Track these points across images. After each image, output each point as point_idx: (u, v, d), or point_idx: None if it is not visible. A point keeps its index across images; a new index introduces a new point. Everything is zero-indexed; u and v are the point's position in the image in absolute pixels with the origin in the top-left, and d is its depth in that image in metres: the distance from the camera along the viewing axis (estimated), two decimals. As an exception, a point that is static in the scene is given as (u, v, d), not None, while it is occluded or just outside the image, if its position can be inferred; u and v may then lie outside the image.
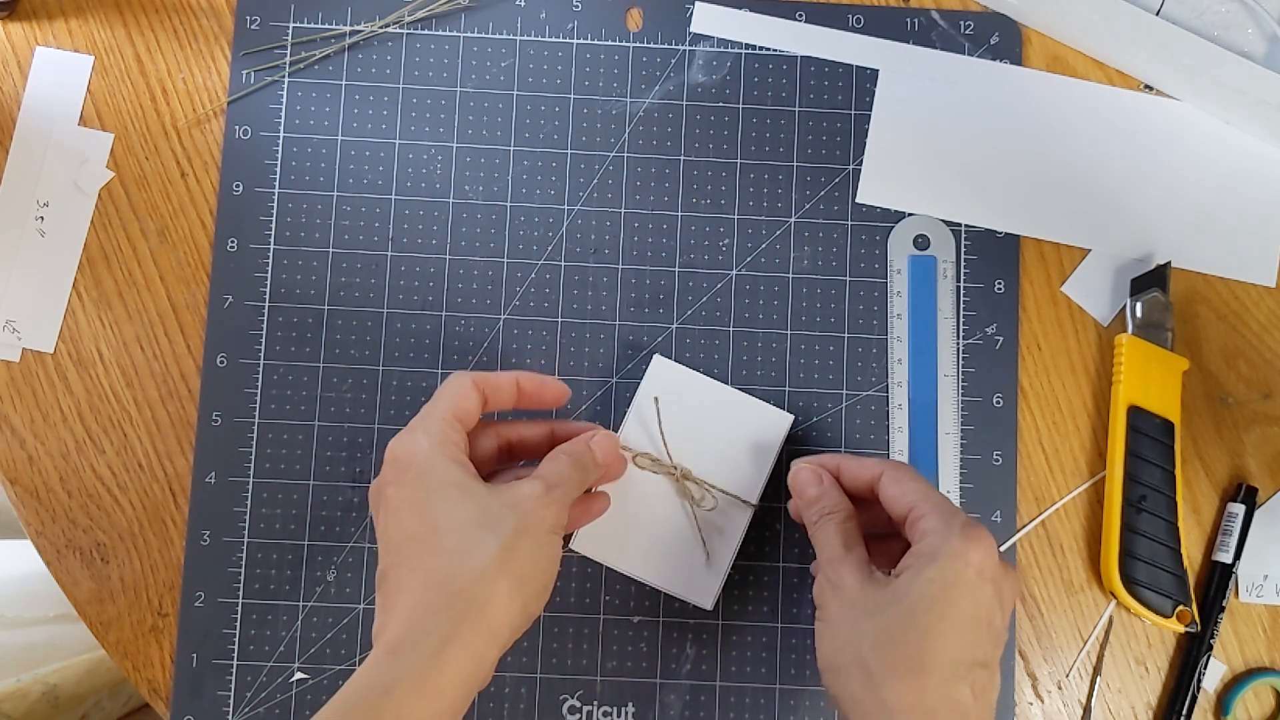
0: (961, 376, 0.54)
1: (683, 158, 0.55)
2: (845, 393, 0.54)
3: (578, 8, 0.56)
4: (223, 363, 0.53)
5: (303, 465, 0.53)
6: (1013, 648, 0.53)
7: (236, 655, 0.52)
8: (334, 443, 0.53)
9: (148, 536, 0.53)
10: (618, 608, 0.52)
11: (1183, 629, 0.52)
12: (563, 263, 0.55)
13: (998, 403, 0.54)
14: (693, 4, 0.56)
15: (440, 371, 0.54)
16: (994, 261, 0.55)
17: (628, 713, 0.52)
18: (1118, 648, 0.53)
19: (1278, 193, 0.56)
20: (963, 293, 0.55)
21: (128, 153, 0.55)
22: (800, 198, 0.55)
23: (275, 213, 0.54)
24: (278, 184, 0.55)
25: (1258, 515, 0.53)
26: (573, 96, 0.55)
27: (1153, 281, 0.53)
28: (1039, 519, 0.54)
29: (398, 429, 0.53)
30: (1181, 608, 0.51)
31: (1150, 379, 0.53)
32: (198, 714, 0.51)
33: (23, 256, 0.54)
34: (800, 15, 0.56)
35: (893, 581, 0.41)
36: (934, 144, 0.56)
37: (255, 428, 0.53)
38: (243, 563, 0.52)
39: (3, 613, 0.75)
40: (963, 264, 0.55)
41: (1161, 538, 0.52)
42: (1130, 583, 0.51)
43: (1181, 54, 0.53)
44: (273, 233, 0.54)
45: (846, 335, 0.54)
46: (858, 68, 0.56)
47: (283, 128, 0.55)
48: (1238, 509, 0.53)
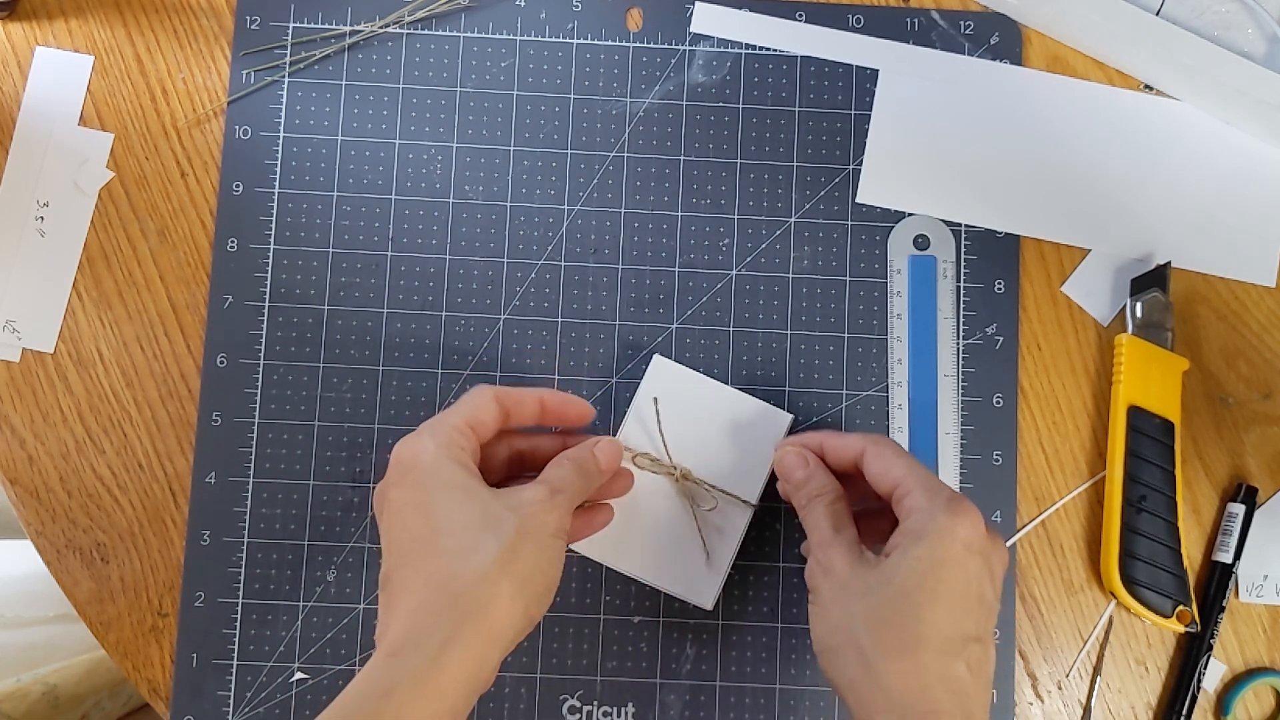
0: (961, 376, 0.54)
1: (683, 158, 0.55)
2: (845, 393, 0.54)
3: (578, 8, 0.56)
4: (223, 363, 0.53)
5: (303, 465, 0.53)
6: (1013, 648, 0.53)
7: (236, 655, 0.52)
8: (334, 443, 0.53)
9: (148, 536, 0.53)
10: (618, 608, 0.52)
11: (1183, 629, 0.52)
12: (563, 263, 0.55)
13: (998, 403, 0.54)
14: (693, 4, 0.56)
15: (440, 371, 0.54)
16: (994, 261, 0.55)
17: (628, 713, 0.52)
18: (1118, 648, 0.53)
19: (1278, 193, 0.56)
20: (963, 293, 0.55)
21: (128, 153, 0.55)
22: (800, 198, 0.55)
23: (275, 213, 0.54)
24: (278, 184, 0.55)
25: (1258, 515, 0.53)
26: (573, 96, 0.55)
27: (1153, 281, 0.53)
28: (1039, 519, 0.54)
29: (398, 429, 0.53)
30: (1181, 608, 0.51)
31: (1150, 379, 0.53)
32: (198, 714, 0.51)
33: (23, 256, 0.54)
34: (800, 15, 0.56)
35: (882, 562, 0.41)
36: (934, 144, 0.56)
37: (255, 428, 0.53)
38: (243, 563, 0.52)
39: (3, 613, 0.75)
40: (963, 264, 0.55)
41: (1161, 538, 0.52)
42: (1130, 583, 0.51)
43: (1181, 54, 0.53)
44: (273, 233, 0.54)
45: (846, 335, 0.54)
46: (858, 68, 0.56)
47: (283, 128, 0.55)
48: (1238, 509, 0.53)
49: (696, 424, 0.50)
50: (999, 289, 0.55)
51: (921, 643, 0.38)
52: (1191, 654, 0.52)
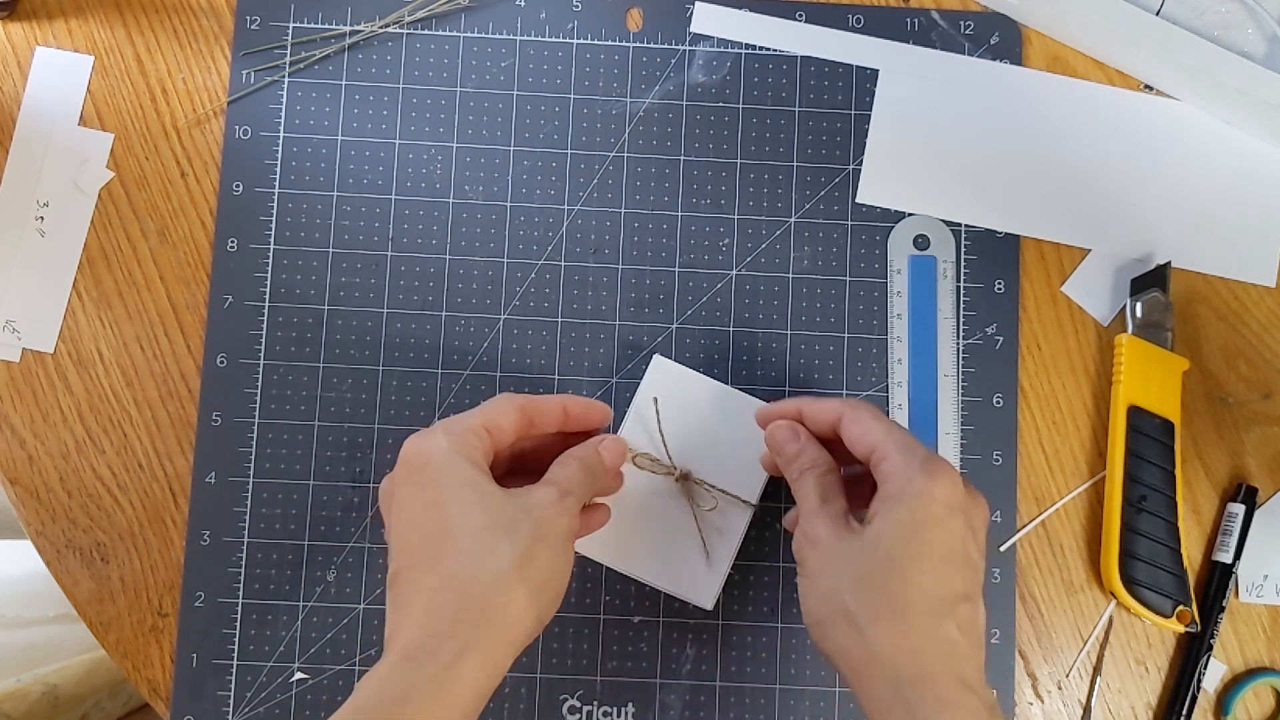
0: (961, 376, 0.54)
1: (683, 158, 0.55)
2: (845, 393, 0.54)
3: (578, 8, 0.56)
4: (223, 363, 0.53)
5: (303, 465, 0.53)
6: (1013, 648, 0.53)
7: (236, 655, 0.52)
8: (334, 443, 0.53)
9: (148, 536, 0.53)
10: (618, 608, 0.52)
11: (1183, 629, 0.52)
12: (563, 263, 0.55)
13: (998, 403, 0.54)
14: (693, 4, 0.56)
15: (440, 371, 0.54)
16: (994, 261, 0.55)
17: (628, 713, 0.52)
18: (1118, 648, 0.53)
19: (1278, 193, 0.56)
20: (963, 293, 0.55)
21: (128, 153, 0.55)
22: (800, 198, 0.55)
23: (275, 213, 0.54)
24: (278, 184, 0.55)
25: (1258, 515, 0.53)
26: (573, 96, 0.55)
27: (1153, 281, 0.53)
28: (1039, 519, 0.54)
29: (398, 429, 0.53)
30: (1181, 608, 0.51)
31: (1150, 379, 0.53)
32: (198, 714, 0.51)
33: (23, 256, 0.54)
34: (800, 15, 0.56)
35: (866, 529, 0.41)
36: (934, 144, 0.56)
37: (255, 428, 0.53)
38: (243, 563, 0.52)
39: (3, 613, 0.75)
40: (963, 264, 0.55)
41: (1161, 538, 0.52)
42: (1130, 583, 0.51)
43: (1181, 54, 0.53)
44: (273, 233, 0.54)
45: (846, 335, 0.54)
46: (858, 68, 0.56)
47: (283, 128, 0.55)
48: (1238, 509, 0.53)
49: (696, 424, 0.50)
50: (999, 289, 0.55)
51: (910, 605, 0.38)
52: (1191, 654, 0.52)
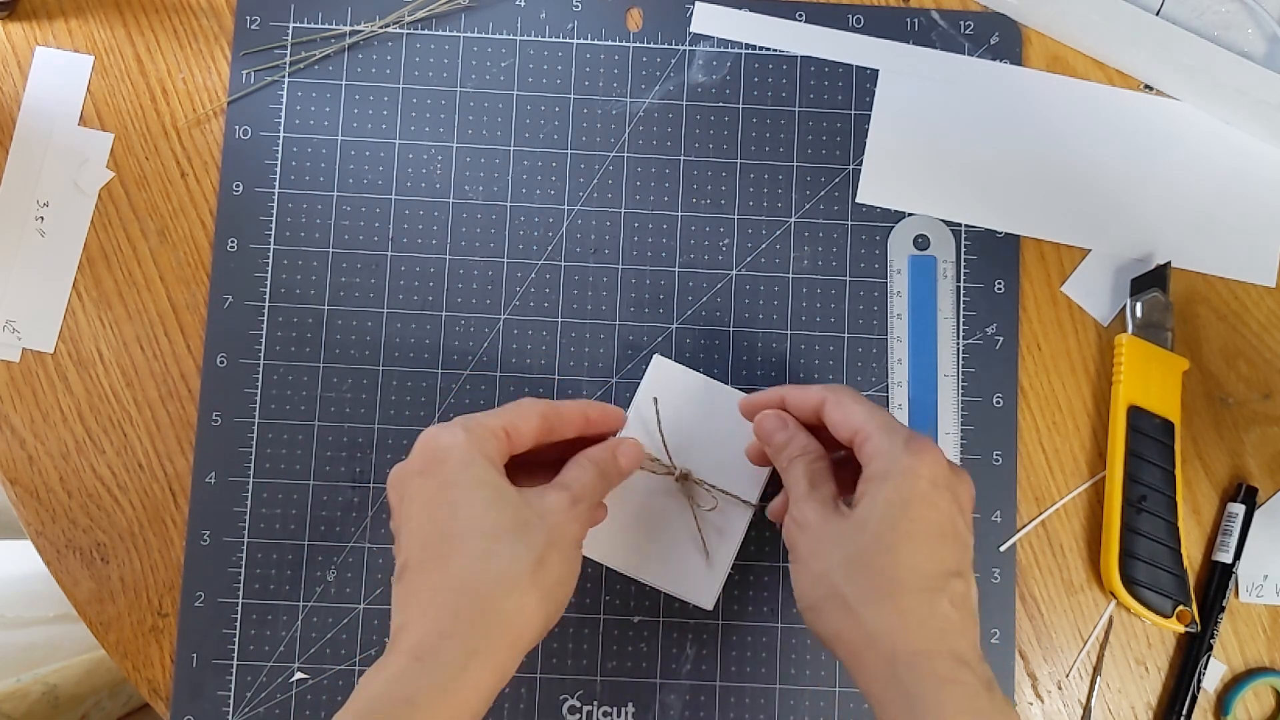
0: (961, 376, 0.54)
1: (683, 158, 0.55)
2: (845, 393, 0.54)
3: (578, 8, 0.56)
4: (223, 363, 0.53)
5: (303, 465, 0.53)
6: (1013, 648, 0.53)
7: (236, 655, 0.52)
8: (334, 443, 0.53)
9: (148, 536, 0.53)
10: (618, 608, 0.52)
11: (1183, 629, 0.52)
12: (563, 263, 0.55)
13: (998, 403, 0.54)
14: (693, 4, 0.56)
15: (440, 371, 0.54)
16: (994, 261, 0.55)
17: (628, 713, 0.52)
18: (1118, 648, 0.53)
19: (1278, 193, 0.56)
20: (963, 293, 0.55)
21: (128, 153, 0.55)
22: (800, 198, 0.55)
23: (275, 213, 0.54)
24: (278, 184, 0.55)
25: (1258, 515, 0.53)
26: (573, 96, 0.55)
27: (1153, 281, 0.53)
28: (1039, 519, 0.54)
29: (398, 429, 0.53)
30: (1181, 608, 0.51)
31: (1150, 379, 0.53)
32: (198, 714, 0.51)
33: (23, 256, 0.54)
34: (800, 15, 0.56)
35: (854, 511, 0.41)
36: (934, 144, 0.56)
37: (255, 428, 0.53)
38: (243, 563, 0.52)
39: (3, 613, 0.75)
40: (963, 264, 0.55)
41: (1161, 538, 0.52)
42: (1130, 583, 0.51)
43: (1181, 54, 0.53)
44: (273, 233, 0.54)
45: (846, 335, 0.54)
46: (858, 68, 0.56)
47: (283, 128, 0.55)
48: (1238, 509, 0.53)
49: (696, 424, 0.50)
50: (999, 289, 0.55)
51: (901, 584, 0.38)
52: (1191, 654, 0.52)
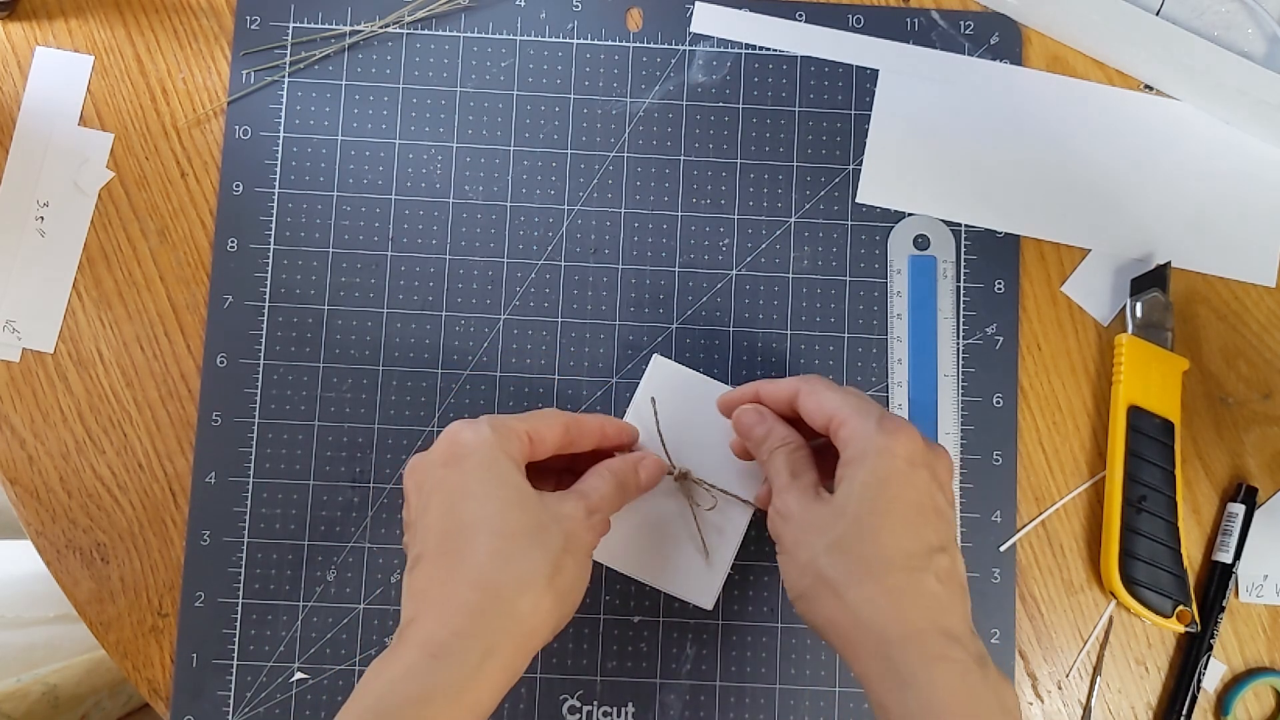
0: (961, 376, 0.54)
1: (683, 158, 0.55)
2: (845, 393, 0.54)
3: (578, 8, 0.56)
4: (223, 363, 0.53)
5: (303, 465, 0.53)
6: (1013, 648, 0.53)
7: (236, 655, 0.52)
8: (334, 443, 0.53)
9: (148, 536, 0.53)
10: (618, 608, 0.52)
11: (1183, 629, 0.52)
12: (563, 263, 0.55)
13: (998, 403, 0.54)
14: (693, 4, 0.56)
15: (440, 371, 0.54)
16: (994, 261, 0.55)
17: (628, 713, 0.52)
18: (1118, 648, 0.53)
19: (1278, 193, 0.56)
20: (963, 293, 0.55)
21: (128, 153, 0.55)
22: (800, 198, 0.55)
23: (275, 213, 0.54)
24: (278, 184, 0.55)
25: (1258, 515, 0.53)
26: (573, 96, 0.55)
27: (1153, 281, 0.53)
28: (1039, 519, 0.54)
29: (398, 429, 0.53)
30: (1181, 608, 0.51)
31: (1150, 379, 0.53)
32: (198, 714, 0.51)
33: (23, 256, 0.54)
34: (800, 15, 0.56)
35: (834, 496, 0.41)
36: (934, 144, 0.56)
37: (255, 428, 0.53)
38: (243, 563, 0.52)
39: (3, 613, 0.75)
40: (963, 264, 0.55)
41: (1161, 538, 0.52)
42: (1130, 583, 0.51)
43: (1181, 54, 0.53)
44: (273, 233, 0.54)
45: (846, 335, 0.54)
46: (858, 68, 0.56)
47: (283, 128, 0.55)
48: (1238, 509, 0.53)
49: (696, 424, 0.50)
50: (999, 289, 0.55)
51: (886, 564, 0.38)
52: (1191, 654, 0.52)
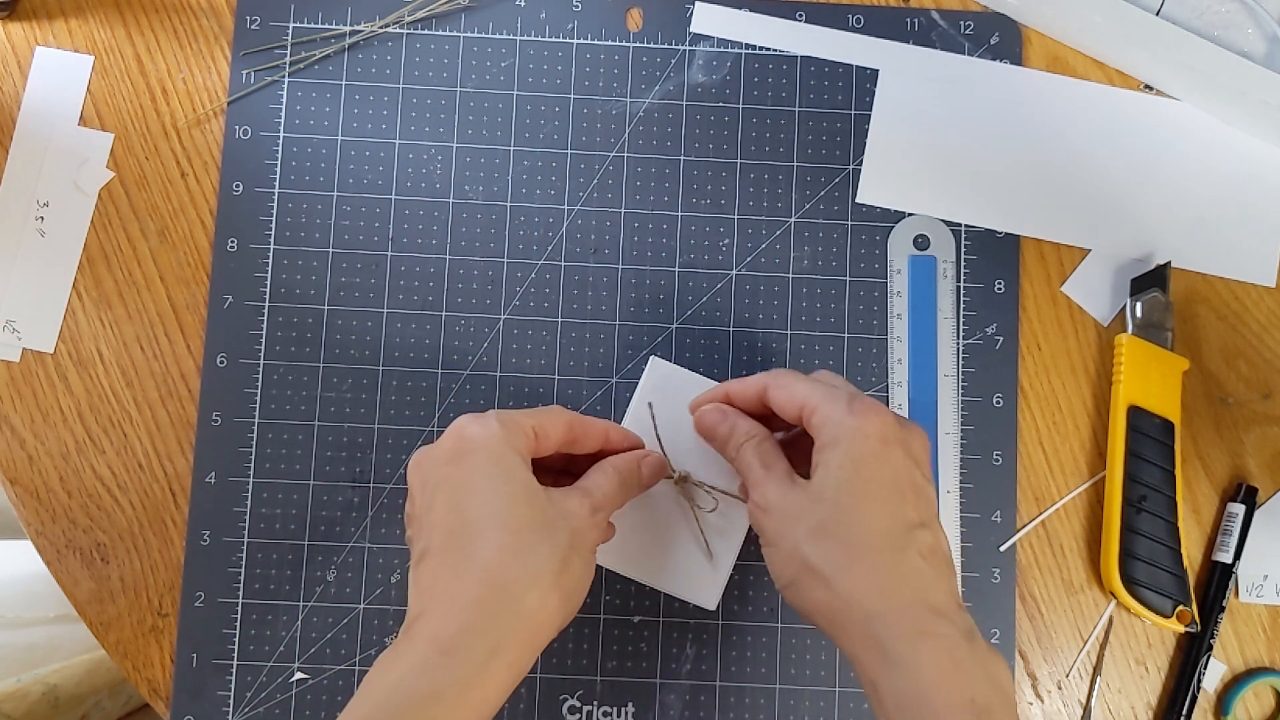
0: (961, 376, 0.54)
1: (683, 158, 0.55)
2: (845, 393, 0.54)
3: (578, 8, 0.56)
4: (223, 363, 0.53)
5: (303, 465, 0.53)
6: (1013, 648, 0.53)
7: (236, 655, 0.52)
8: (334, 443, 0.53)
9: (148, 536, 0.53)
10: (618, 608, 0.52)
11: (1183, 629, 0.52)
12: (563, 263, 0.55)
13: (998, 403, 0.54)
14: (693, 4, 0.56)
15: (440, 371, 0.54)
16: (994, 261, 0.55)
17: (628, 713, 0.52)
18: (1118, 648, 0.53)
19: (1278, 193, 0.56)
20: (963, 293, 0.55)
21: (128, 153, 0.55)
22: (800, 198, 0.55)
23: (275, 213, 0.54)
24: (278, 184, 0.55)
25: (1258, 515, 0.53)
26: (573, 96, 0.55)
27: (1153, 281, 0.53)
28: (1039, 519, 0.54)
29: (398, 429, 0.53)
30: (1181, 608, 0.51)
31: (1150, 379, 0.53)
32: (198, 714, 0.51)
33: (23, 256, 0.54)
34: (800, 15, 0.56)
35: (811, 482, 0.41)
36: (934, 144, 0.56)
37: (255, 428, 0.53)
38: (243, 563, 0.52)
39: (3, 613, 0.75)
40: (963, 264, 0.55)
41: (1161, 538, 0.52)
42: (1130, 583, 0.51)
43: (1181, 54, 0.53)
44: (273, 233, 0.54)
45: (846, 335, 0.54)
46: (858, 68, 0.56)
47: (283, 128, 0.55)
48: (1238, 509, 0.53)
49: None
50: (999, 289, 0.55)
51: (867, 545, 0.38)
52: (1191, 654, 0.52)
